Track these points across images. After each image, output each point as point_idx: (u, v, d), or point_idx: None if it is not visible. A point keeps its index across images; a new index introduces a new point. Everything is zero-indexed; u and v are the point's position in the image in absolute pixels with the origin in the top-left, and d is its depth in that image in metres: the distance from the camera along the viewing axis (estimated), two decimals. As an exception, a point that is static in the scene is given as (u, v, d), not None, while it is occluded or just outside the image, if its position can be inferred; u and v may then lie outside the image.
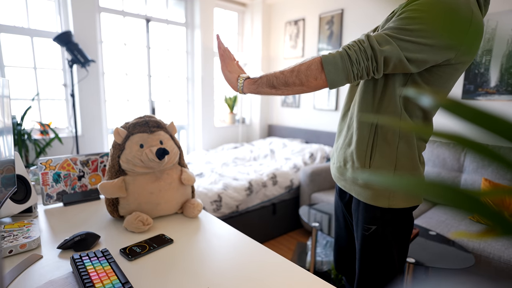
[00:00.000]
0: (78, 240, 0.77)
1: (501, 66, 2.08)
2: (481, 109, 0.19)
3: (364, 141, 0.84)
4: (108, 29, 2.89)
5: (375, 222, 0.86)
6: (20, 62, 2.48)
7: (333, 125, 3.19)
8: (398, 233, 0.87)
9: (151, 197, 0.93)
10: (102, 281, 0.61)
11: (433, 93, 0.22)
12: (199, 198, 2.04)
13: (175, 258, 0.75)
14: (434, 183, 0.19)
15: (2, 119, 0.75)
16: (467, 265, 1.34)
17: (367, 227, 0.87)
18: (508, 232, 0.18)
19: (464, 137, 0.20)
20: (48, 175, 1.05)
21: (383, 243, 0.87)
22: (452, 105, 0.19)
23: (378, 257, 0.88)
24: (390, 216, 0.85)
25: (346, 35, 2.99)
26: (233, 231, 0.91)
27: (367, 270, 0.90)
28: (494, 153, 0.19)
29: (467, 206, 0.18)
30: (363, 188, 0.86)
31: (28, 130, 2.44)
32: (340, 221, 1.07)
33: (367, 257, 0.89)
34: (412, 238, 1.57)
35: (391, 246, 0.87)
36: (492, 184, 1.90)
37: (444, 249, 1.48)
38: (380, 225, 0.85)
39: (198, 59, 3.44)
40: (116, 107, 3.07)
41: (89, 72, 2.67)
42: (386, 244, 0.87)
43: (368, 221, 0.86)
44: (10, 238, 0.77)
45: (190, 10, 3.41)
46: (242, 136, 3.99)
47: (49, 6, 2.59)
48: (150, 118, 0.97)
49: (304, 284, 0.66)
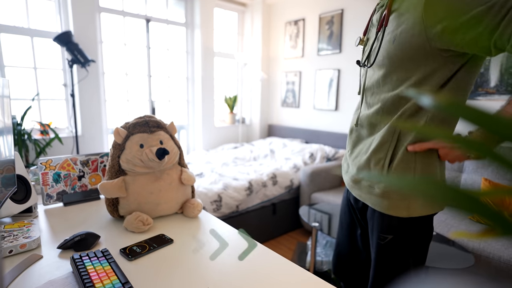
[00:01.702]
0: (78, 240, 0.77)
1: (501, 66, 2.08)
2: (481, 109, 0.19)
3: (385, 147, 0.80)
4: (108, 29, 2.89)
5: (391, 232, 0.82)
6: (20, 62, 2.48)
7: (333, 125, 3.19)
8: (417, 241, 0.83)
9: (151, 197, 0.93)
10: (102, 281, 0.61)
11: (432, 93, 0.22)
12: (199, 198, 2.04)
13: (175, 258, 0.75)
14: (434, 183, 0.19)
15: (2, 119, 0.75)
16: (467, 265, 1.34)
17: (383, 236, 0.83)
18: (508, 232, 0.18)
19: (464, 138, 0.20)
20: (48, 175, 1.05)
21: (400, 252, 0.83)
22: (452, 105, 0.19)
23: (394, 266, 0.85)
24: (408, 225, 0.81)
25: (346, 35, 2.99)
26: (233, 231, 0.91)
27: (382, 279, 0.87)
28: (495, 153, 0.19)
29: (467, 206, 0.18)
30: (380, 197, 0.82)
31: (28, 130, 2.44)
32: (344, 227, 1.05)
33: (382, 266, 0.86)
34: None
35: (408, 256, 0.84)
36: (492, 184, 1.90)
37: (444, 249, 1.48)
38: (397, 234, 0.82)
39: (198, 59, 3.44)
40: (116, 107, 3.07)
41: (89, 72, 2.67)
42: (403, 254, 0.83)
43: (385, 230, 0.83)
44: (10, 238, 0.77)
45: (190, 10, 3.41)
46: (242, 136, 3.99)
47: (49, 6, 2.59)
48: (150, 118, 0.97)
49: (304, 284, 0.66)
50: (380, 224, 0.84)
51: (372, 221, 0.87)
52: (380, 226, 0.84)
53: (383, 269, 0.86)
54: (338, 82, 3.09)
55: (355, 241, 1.02)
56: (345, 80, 3.03)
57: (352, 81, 2.98)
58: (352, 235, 1.02)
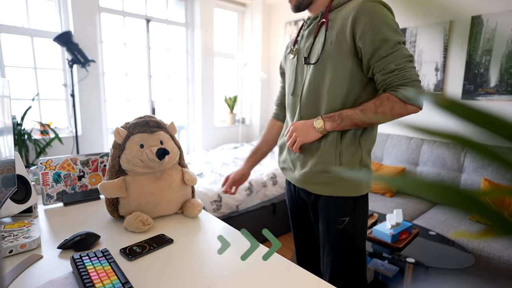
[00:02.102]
0: (78, 240, 0.77)
1: (501, 66, 2.08)
2: (481, 109, 0.19)
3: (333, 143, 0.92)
4: (108, 29, 2.89)
5: (347, 214, 0.94)
6: (20, 62, 2.49)
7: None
8: (364, 218, 0.97)
9: (151, 197, 0.93)
10: (102, 281, 0.61)
11: (432, 94, 0.22)
12: (199, 198, 2.04)
13: (175, 258, 0.76)
14: (434, 183, 0.19)
15: (3, 119, 0.75)
16: (466, 265, 1.34)
17: (341, 220, 0.94)
18: (508, 232, 0.18)
19: (464, 137, 0.20)
20: (48, 175, 1.05)
21: (355, 232, 0.95)
22: (452, 105, 0.20)
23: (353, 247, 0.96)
24: (358, 204, 0.95)
25: (346, 35, 2.99)
26: (233, 231, 0.91)
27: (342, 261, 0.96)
28: (494, 153, 0.19)
29: (467, 206, 0.18)
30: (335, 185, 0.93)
31: (28, 130, 2.44)
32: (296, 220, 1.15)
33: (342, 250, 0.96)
34: (412, 238, 1.57)
35: (361, 234, 0.97)
36: (492, 184, 1.90)
37: (444, 249, 1.48)
38: (352, 215, 0.94)
39: (198, 59, 3.44)
40: (116, 107, 3.07)
41: (89, 72, 2.67)
42: (358, 233, 0.96)
43: (342, 214, 0.94)
44: (10, 238, 0.77)
45: (190, 10, 3.41)
46: (242, 136, 3.99)
47: (49, 6, 2.59)
48: (151, 118, 0.97)
49: (304, 284, 0.66)
50: (336, 209, 0.95)
51: (327, 210, 0.96)
52: (337, 211, 0.95)
53: (343, 252, 0.96)
54: (338, 82, 3.09)
55: (312, 233, 1.12)
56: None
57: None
58: (309, 228, 1.12)
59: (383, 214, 1.91)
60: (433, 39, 2.39)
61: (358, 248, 0.97)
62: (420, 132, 0.21)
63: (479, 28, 2.15)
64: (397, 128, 2.70)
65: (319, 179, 0.94)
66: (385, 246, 1.49)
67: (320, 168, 0.93)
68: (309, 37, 0.99)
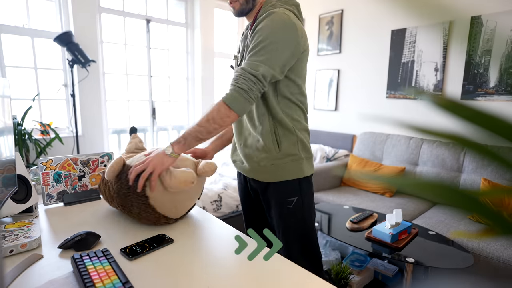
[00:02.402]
0: (79, 239, 0.77)
1: (501, 66, 2.08)
2: (480, 109, 0.19)
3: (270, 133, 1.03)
4: (108, 29, 2.89)
5: (295, 194, 1.04)
6: (20, 62, 2.49)
7: (333, 125, 3.19)
8: (311, 197, 1.09)
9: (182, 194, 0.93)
10: (103, 280, 0.62)
11: (432, 95, 0.22)
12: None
13: (175, 258, 0.76)
14: (434, 183, 0.19)
15: (3, 119, 0.75)
16: (466, 265, 1.34)
17: (290, 200, 1.04)
18: (507, 231, 0.18)
19: (464, 137, 0.20)
20: (48, 175, 1.05)
21: (304, 207, 1.05)
22: (451, 106, 0.20)
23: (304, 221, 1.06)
24: (303, 184, 1.06)
25: (345, 35, 2.99)
26: (233, 231, 0.91)
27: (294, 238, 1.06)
28: (494, 153, 0.19)
29: (467, 206, 0.18)
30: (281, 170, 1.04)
31: (28, 130, 2.44)
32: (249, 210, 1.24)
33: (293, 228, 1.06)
34: (412, 238, 1.57)
35: (309, 209, 1.08)
36: (491, 184, 1.90)
37: (444, 249, 1.49)
38: (299, 194, 1.05)
39: (198, 59, 3.45)
40: (117, 107, 3.07)
41: (89, 72, 2.68)
42: (306, 208, 1.06)
43: (291, 194, 1.04)
44: (11, 238, 0.77)
45: (190, 10, 3.41)
46: (242, 136, 3.99)
47: (50, 7, 2.59)
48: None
49: (304, 283, 0.67)
50: (284, 191, 1.05)
51: (276, 193, 1.06)
52: (286, 193, 1.05)
53: (297, 229, 1.06)
54: (338, 82, 3.10)
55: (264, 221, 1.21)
56: (345, 80, 3.04)
57: (352, 82, 2.98)
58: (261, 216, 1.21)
59: (382, 214, 1.91)
60: (432, 40, 2.40)
61: (310, 222, 1.08)
62: (420, 132, 0.21)
63: (479, 29, 2.15)
64: (397, 128, 2.70)
65: (266, 167, 1.05)
66: (385, 246, 1.49)
67: (265, 157, 1.04)
68: (241, 44, 1.11)
